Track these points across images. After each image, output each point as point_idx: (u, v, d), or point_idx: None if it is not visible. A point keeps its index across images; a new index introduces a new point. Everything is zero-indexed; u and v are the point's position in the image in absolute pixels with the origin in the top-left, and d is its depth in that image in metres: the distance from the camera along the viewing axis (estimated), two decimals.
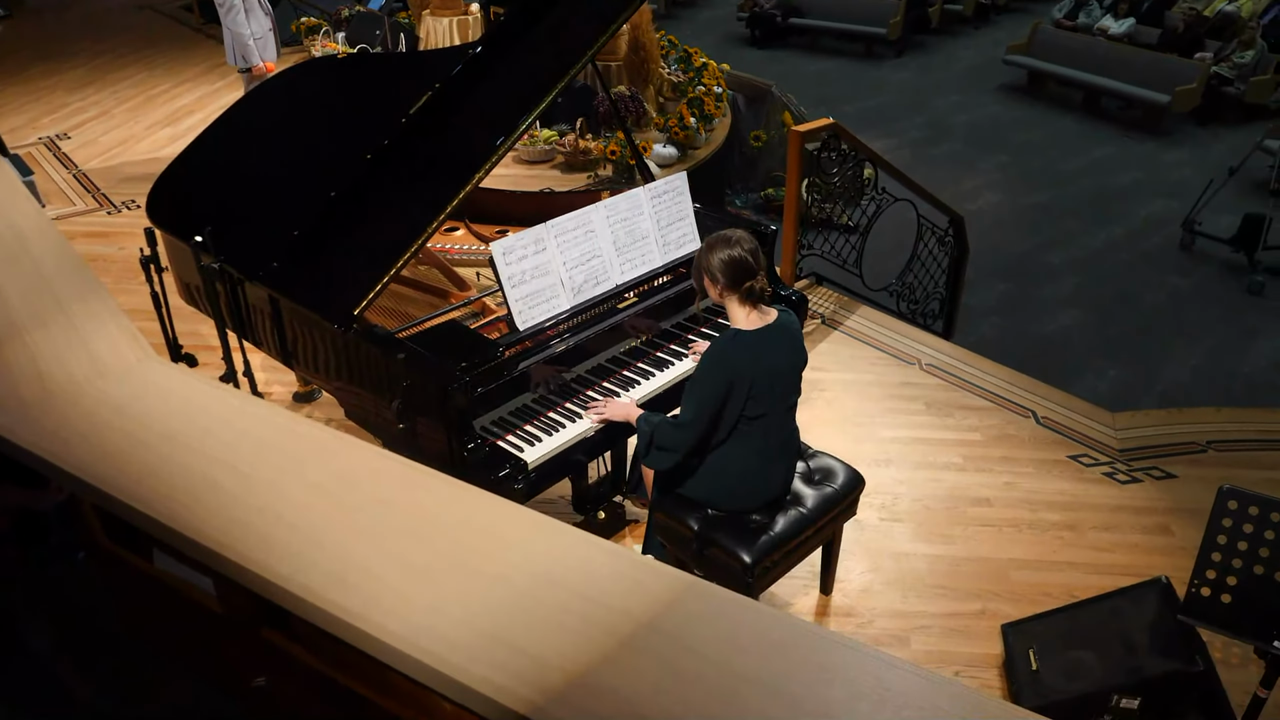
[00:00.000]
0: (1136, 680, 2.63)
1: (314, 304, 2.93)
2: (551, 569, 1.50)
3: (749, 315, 2.69)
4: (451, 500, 1.67)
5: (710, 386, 2.67)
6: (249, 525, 1.60)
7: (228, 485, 1.69)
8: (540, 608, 1.42)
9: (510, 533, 1.59)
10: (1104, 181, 9.56)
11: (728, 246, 2.65)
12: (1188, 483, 3.82)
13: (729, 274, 2.65)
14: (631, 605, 1.42)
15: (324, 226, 3.09)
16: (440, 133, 3.19)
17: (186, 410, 1.91)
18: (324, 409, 4.25)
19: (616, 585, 1.46)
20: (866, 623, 3.17)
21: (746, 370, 2.64)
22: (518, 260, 2.87)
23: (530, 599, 1.44)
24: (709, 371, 2.68)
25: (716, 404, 2.68)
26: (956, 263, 6.30)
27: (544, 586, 1.46)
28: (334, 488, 1.69)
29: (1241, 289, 7.33)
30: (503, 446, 2.78)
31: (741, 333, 2.68)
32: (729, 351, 2.66)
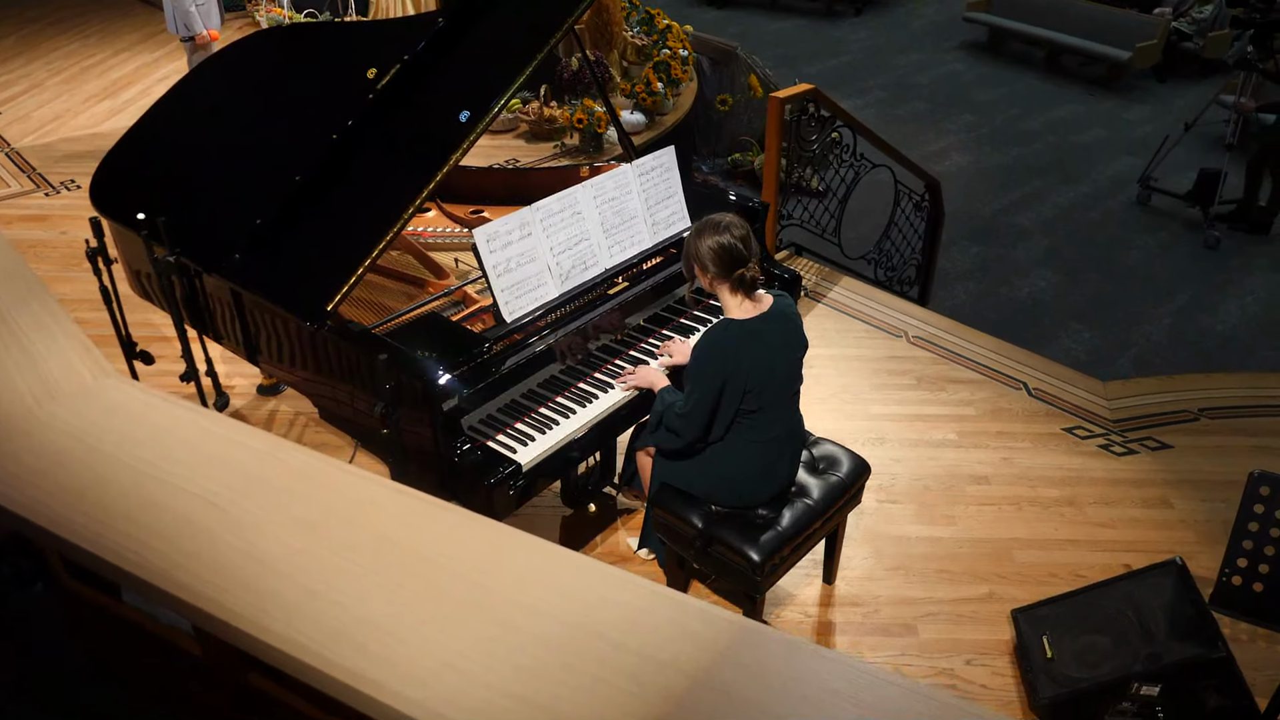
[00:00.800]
0: (1157, 667, 2.57)
1: (283, 300, 2.71)
2: (586, 615, 1.34)
3: (742, 304, 2.54)
4: (463, 535, 1.50)
5: (704, 382, 2.52)
6: (233, 573, 1.42)
7: (206, 524, 1.50)
8: (579, 664, 1.27)
9: (535, 572, 1.43)
10: (1068, 140, 9.53)
11: (717, 232, 2.49)
12: (1184, 453, 3.77)
13: (719, 261, 2.49)
14: (681, 657, 1.27)
15: (289, 214, 2.86)
16: (411, 109, 2.96)
17: (154, 436, 1.71)
18: (290, 402, 4.03)
19: (662, 633, 1.31)
20: (872, 611, 3.07)
21: (741, 365, 2.50)
22: (502, 247, 2.68)
23: (566, 653, 1.28)
24: (701, 367, 2.53)
25: (712, 400, 2.54)
26: (933, 228, 6.21)
27: (581, 637, 1.30)
28: (328, 525, 1.51)
29: (1200, 244, 7.35)
30: (493, 448, 2.61)
31: (734, 323, 2.52)
32: (721, 345, 2.51)
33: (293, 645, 1.30)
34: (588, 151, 6.46)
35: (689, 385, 2.56)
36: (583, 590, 1.39)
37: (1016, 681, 2.85)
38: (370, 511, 1.54)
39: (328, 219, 2.85)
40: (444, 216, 3.54)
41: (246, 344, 3.09)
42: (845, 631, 3.01)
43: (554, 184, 3.65)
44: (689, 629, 1.32)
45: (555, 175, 3.67)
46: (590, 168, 3.69)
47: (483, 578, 1.41)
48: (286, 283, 2.75)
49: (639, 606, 1.36)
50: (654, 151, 3.15)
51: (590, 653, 1.28)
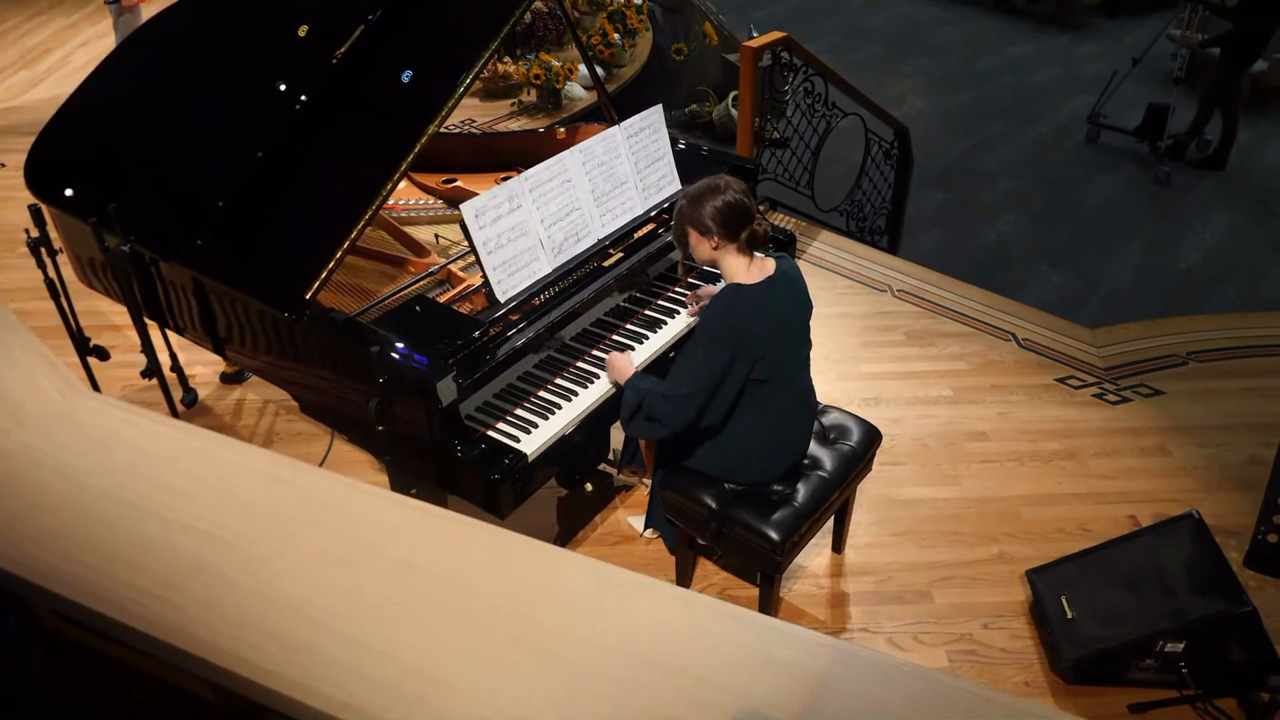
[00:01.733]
0: (1183, 624, 2.54)
1: (256, 289, 2.50)
2: (657, 647, 1.22)
3: (749, 268, 2.40)
4: (507, 559, 1.36)
5: (712, 356, 2.37)
6: (256, 622, 1.26)
7: (217, 565, 1.34)
8: (660, 705, 1.14)
9: (593, 598, 1.30)
10: (1023, 80, 9.49)
11: (718, 194, 2.34)
12: (1176, 398, 3.76)
13: (725, 222, 2.34)
14: (774, 693, 1.15)
15: (254, 193, 2.63)
16: (379, 72, 2.73)
17: (142, 461, 1.53)
18: (258, 389, 3.81)
19: (745, 664, 1.19)
20: (885, 579, 3.01)
21: (753, 333, 2.36)
22: (491, 222, 2.50)
23: (641, 695, 1.15)
24: (710, 339, 2.38)
25: (719, 374, 2.40)
26: (902, 175, 6.11)
27: (656, 673, 1.18)
28: (351, 555, 1.36)
29: (1151, 180, 7.38)
30: (495, 437, 2.45)
31: (743, 289, 2.38)
32: (734, 312, 2.36)
33: (337, 704, 1.15)
34: (546, 109, 6.22)
35: (693, 358, 2.41)
36: (647, 617, 1.27)
37: (1035, 643, 2.81)
38: (400, 539, 1.39)
39: (297, 198, 2.63)
40: (415, 188, 3.33)
41: (212, 335, 2.88)
42: (859, 602, 2.94)
43: (529, 148, 3.46)
44: (776, 656, 1.20)
45: (530, 139, 3.47)
46: (566, 129, 3.49)
47: (535, 609, 1.28)
48: (258, 270, 2.54)
49: (713, 632, 1.24)
50: (641, 111, 2.97)
51: (668, 693, 1.15)
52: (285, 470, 1.51)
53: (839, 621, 2.89)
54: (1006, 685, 2.70)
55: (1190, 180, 7.42)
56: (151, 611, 1.27)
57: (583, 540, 3.16)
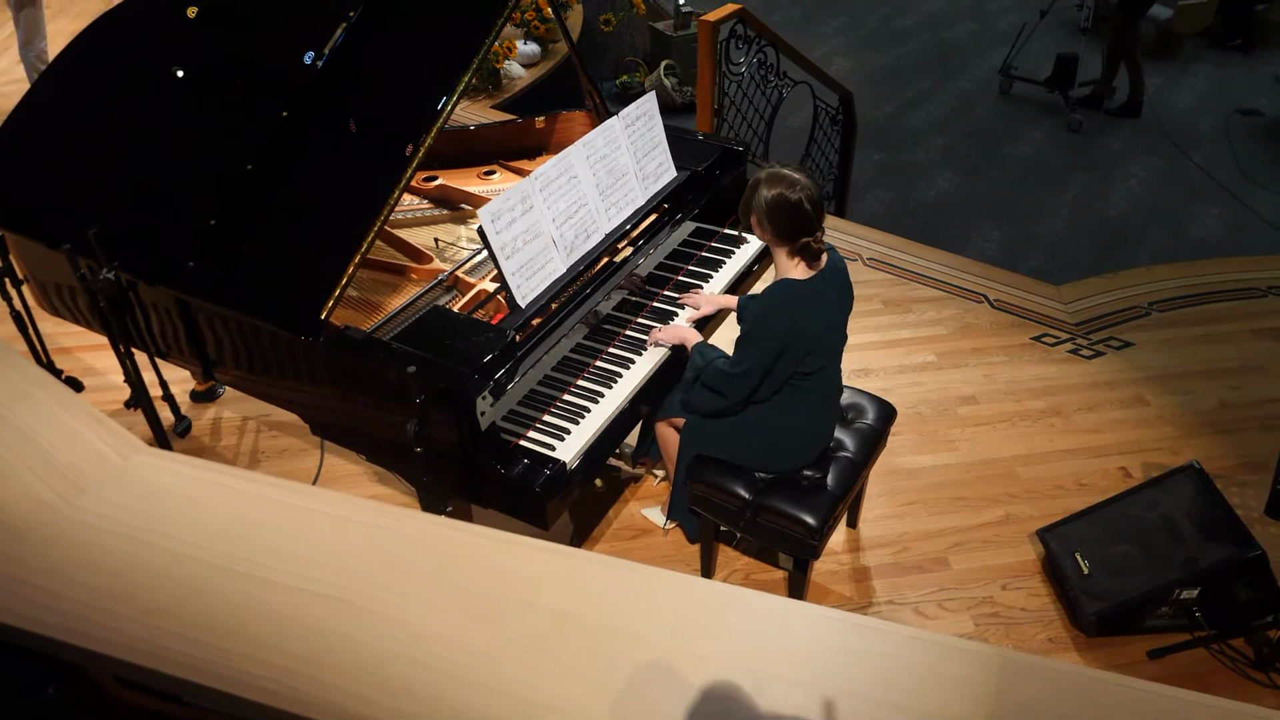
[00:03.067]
0: (1196, 571, 2.67)
1: (264, 313, 2.37)
2: (831, 675, 1.20)
3: (799, 265, 2.38)
4: (648, 593, 1.32)
5: (763, 347, 2.38)
6: (396, 683, 1.20)
7: (336, 625, 1.27)
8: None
9: (753, 631, 1.27)
10: (940, 35, 9.65)
11: (783, 186, 2.30)
12: (1145, 349, 3.91)
13: (777, 222, 2.32)
14: (964, 709, 1.15)
15: (245, 209, 2.48)
16: (366, 72, 2.60)
17: (218, 517, 1.44)
18: (234, 405, 3.64)
19: (925, 681, 1.19)
20: (901, 550, 3.07)
21: (802, 328, 2.36)
22: (507, 225, 2.42)
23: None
24: (759, 330, 2.38)
25: (769, 364, 2.40)
26: (847, 140, 6.17)
27: (841, 702, 1.17)
28: (488, 606, 1.30)
29: (1064, 128, 7.62)
30: (530, 447, 2.39)
31: (795, 285, 2.37)
32: (784, 309, 2.35)
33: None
34: (486, 90, 6.05)
35: (744, 347, 2.41)
36: (814, 644, 1.25)
37: (1053, 600, 2.92)
38: (527, 581, 1.34)
39: (294, 212, 2.49)
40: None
41: (201, 358, 2.72)
42: (881, 575, 3.00)
43: (510, 139, 3.36)
44: (950, 674, 1.21)
45: (510, 130, 3.36)
46: (545, 118, 3.40)
47: (696, 645, 1.25)
48: (263, 292, 2.41)
49: (884, 654, 1.23)
50: (637, 100, 2.90)
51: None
52: (386, 518, 1.44)
53: (864, 596, 2.94)
54: (1032, 644, 2.80)
55: (1103, 127, 7.68)
56: (291, 688, 1.20)
57: (599, 537, 3.14)
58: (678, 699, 1.17)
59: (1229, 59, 8.73)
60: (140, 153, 2.69)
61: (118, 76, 2.83)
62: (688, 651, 1.23)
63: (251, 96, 2.59)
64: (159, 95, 2.75)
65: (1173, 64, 8.68)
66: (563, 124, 3.41)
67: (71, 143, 2.80)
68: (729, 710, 1.16)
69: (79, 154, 2.78)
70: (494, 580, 1.33)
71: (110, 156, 2.73)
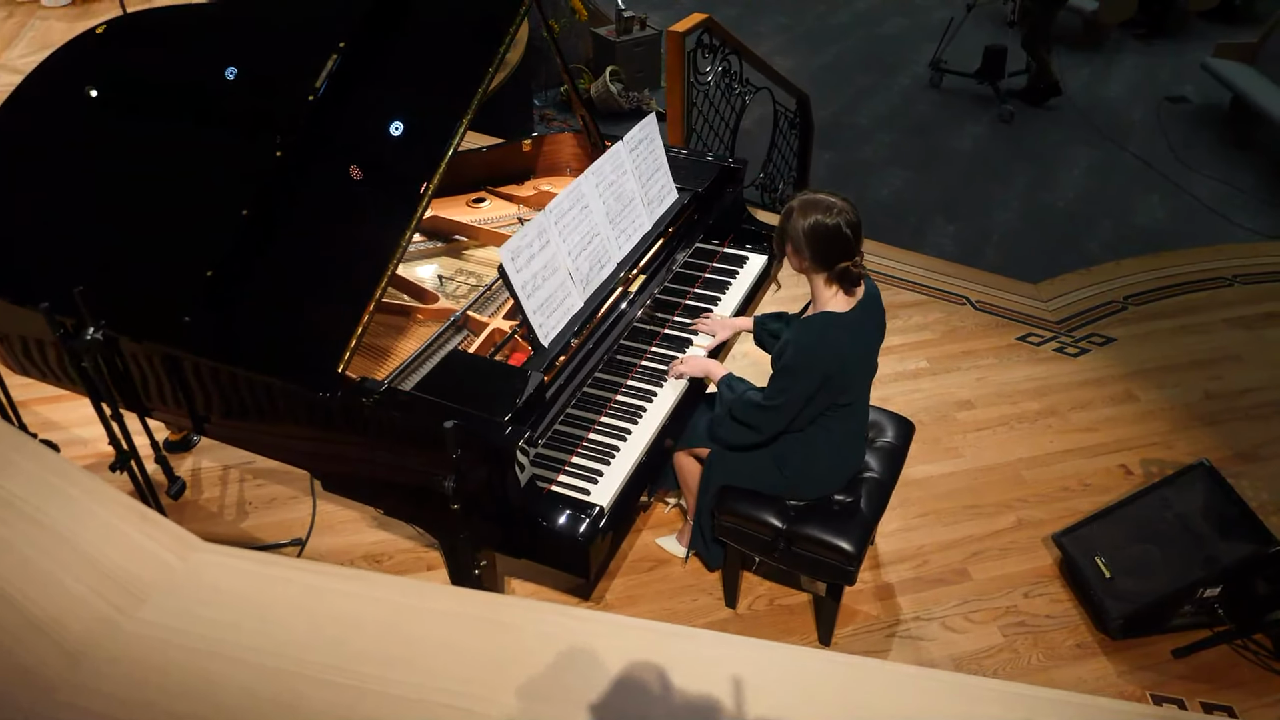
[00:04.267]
0: (1217, 569, 2.71)
1: (276, 368, 2.22)
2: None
3: (836, 294, 2.33)
4: (812, 673, 1.25)
5: (802, 381, 2.32)
6: None
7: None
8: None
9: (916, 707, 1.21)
10: (875, 32, 9.77)
11: (820, 212, 2.24)
12: (1127, 344, 3.99)
13: (818, 247, 2.26)
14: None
15: (244, 256, 2.32)
16: (365, 106, 2.46)
17: (308, 621, 1.32)
18: (212, 453, 3.44)
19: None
20: (922, 564, 3.06)
21: (843, 362, 2.32)
22: (527, 263, 2.32)
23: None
24: (800, 366, 2.31)
25: (807, 398, 2.35)
26: (805, 142, 6.18)
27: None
28: (626, 706, 1.21)
29: (996, 119, 7.79)
30: (561, 493, 2.30)
31: (835, 319, 2.31)
32: (826, 343, 2.30)
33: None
34: None
35: (781, 381, 2.35)
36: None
37: (1074, 604, 2.93)
38: (673, 671, 1.25)
39: (299, 257, 2.34)
40: None
41: (192, 414, 2.55)
42: (905, 590, 2.98)
43: (497, 164, 3.25)
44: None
45: (497, 154, 3.24)
46: (532, 141, 3.29)
47: None
48: (270, 346, 2.25)
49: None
50: (639, 122, 2.82)
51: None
52: (489, 609, 1.34)
53: (892, 613, 2.92)
54: (1060, 650, 2.81)
55: (1035, 118, 7.86)
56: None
57: (616, 570, 3.05)
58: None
59: (1153, 47, 9.03)
60: (117, 202, 2.51)
61: (81, 119, 2.63)
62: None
63: (241, 136, 2.43)
64: (133, 140, 2.56)
65: (1099, 54, 8.94)
66: (550, 146, 3.30)
67: (38, 192, 2.59)
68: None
69: (47, 203, 2.57)
70: (630, 673, 1.24)
71: (84, 207, 2.53)
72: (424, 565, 3.05)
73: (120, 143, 2.58)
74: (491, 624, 1.31)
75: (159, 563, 1.38)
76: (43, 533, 1.40)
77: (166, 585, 1.36)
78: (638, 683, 1.21)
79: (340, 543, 3.13)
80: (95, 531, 1.41)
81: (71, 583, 1.34)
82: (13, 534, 1.40)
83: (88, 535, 1.40)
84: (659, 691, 1.22)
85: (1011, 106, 7.76)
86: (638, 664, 1.26)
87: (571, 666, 1.25)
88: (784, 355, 2.35)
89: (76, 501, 1.46)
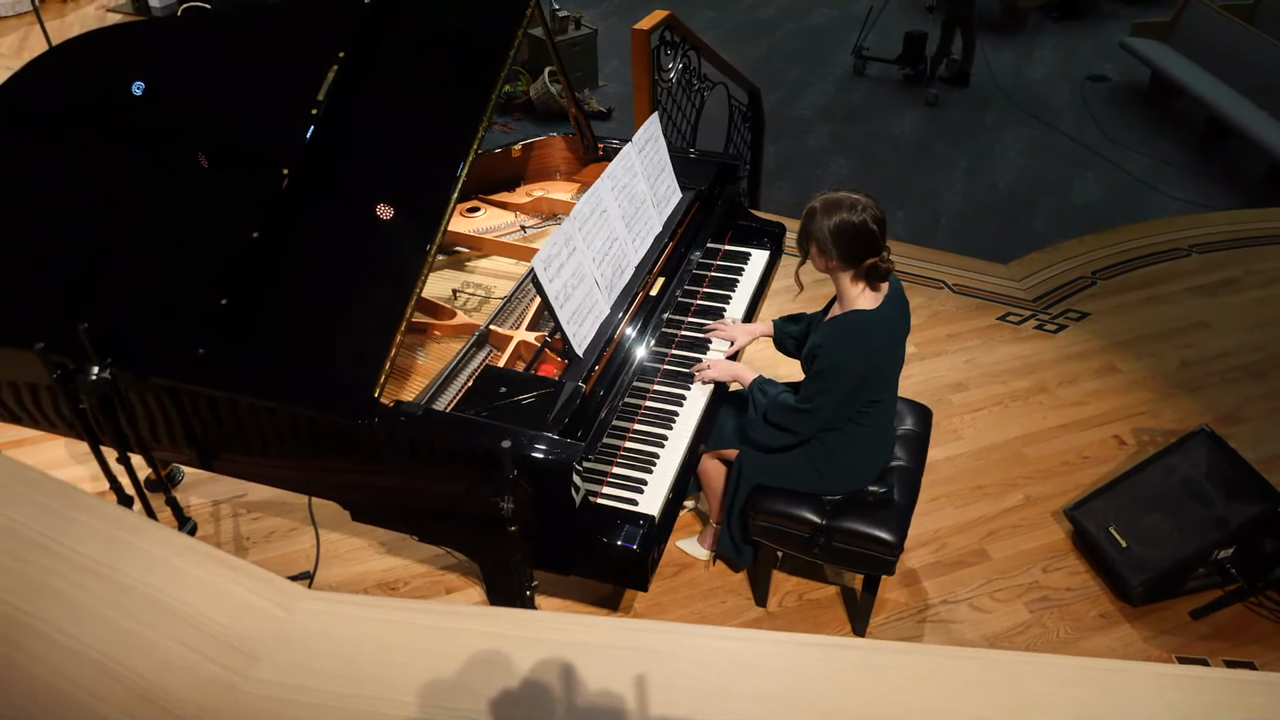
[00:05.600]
0: (1227, 531, 2.80)
1: (303, 397, 2.10)
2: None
3: (864, 292, 2.32)
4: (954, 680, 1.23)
5: (839, 382, 2.31)
6: None
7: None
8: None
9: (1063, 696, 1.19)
10: (803, 24, 9.88)
11: (845, 210, 2.23)
12: (1102, 317, 4.10)
13: (845, 245, 2.25)
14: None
15: (258, 283, 2.20)
16: (372, 111, 2.36)
17: (443, 664, 1.24)
18: (196, 491, 3.27)
19: None
20: (940, 547, 3.09)
21: (877, 360, 2.33)
22: (558, 272, 2.25)
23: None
24: (835, 368, 2.30)
25: (844, 398, 2.35)
26: (757, 135, 6.20)
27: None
28: None
29: (922, 103, 7.98)
30: (609, 505, 2.24)
31: (866, 317, 2.30)
32: (860, 342, 2.29)
33: None
34: None
35: (817, 384, 2.33)
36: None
37: (1092, 575, 3.00)
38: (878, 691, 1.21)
39: (316, 279, 2.22)
40: None
41: (196, 450, 2.41)
42: (929, 575, 3.01)
43: (489, 172, 3.17)
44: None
45: (487, 161, 3.15)
46: (522, 147, 3.21)
47: None
48: (298, 374, 2.14)
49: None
50: (644, 123, 2.78)
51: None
52: (627, 635, 1.28)
53: (919, 599, 2.94)
54: (1085, 621, 2.87)
55: (965, 102, 8.06)
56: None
57: None
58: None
59: (1069, 29, 9.35)
60: (119, 228, 2.34)
61: (55, 140, 2.45)
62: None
63: (244, 157, 2.30)
64: (118, 160, 2.40)
65: (1020, 38, 9.21)
66: (539, 151, 3.23)
67: (12, 225, 2.41)
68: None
69: (22, 237, 2.39)
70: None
71: (65, 238, 2.36)
72: (442, 589, 2.95)
73: (100, 167, 2.41)
74: (638, 651, 1.25)
75: (263, 616, 1.28)
76: (127, 595, 1.29)
77: (277, 640, 1.26)
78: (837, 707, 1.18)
79: (351, 573, 3.00)
80: (186, 589, 1.30)
81: (173, 647, 1.24)
82: (95, 600, 1.29)
83: (178, 593, 1.30)
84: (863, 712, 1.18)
85: (936, 90, 7.95)
86: (840, 683, 1.22)
87: (755, 686, 1.20)
88: (818, 358, 2.33)
89: (156, 557, 1.35)
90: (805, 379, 2.40)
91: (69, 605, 1.29)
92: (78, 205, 2.37)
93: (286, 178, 2.23)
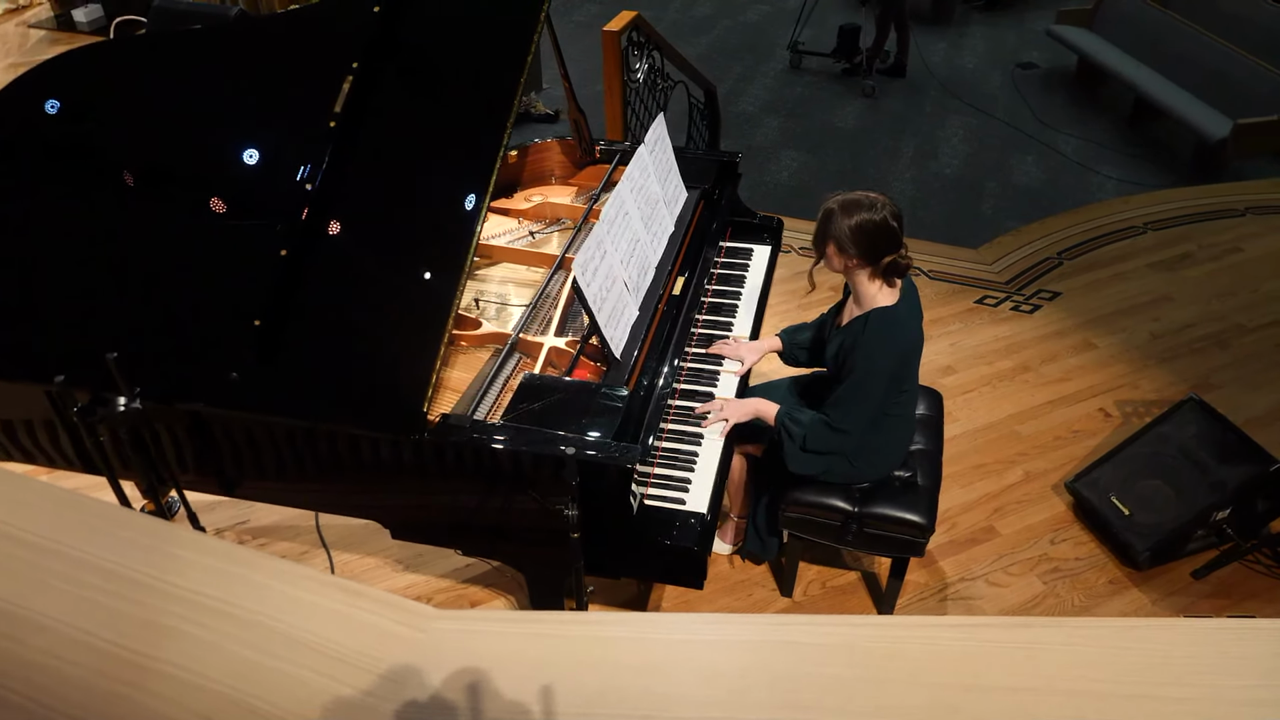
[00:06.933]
0: (1226, 493, 2.93)
1: (348, 416, 2.05)
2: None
3: (881, 289, 2.36)
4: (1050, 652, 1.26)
5: (876, 386, 2.35)
6: None
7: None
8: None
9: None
10: (739, 20, 9.98)
11: (864, 210, 2.27)
12: (1073, 295, 4.26)
13: (865, 244, 2.28)
14: None
15: (290, 301, 2.13)
16: (387, 118, 2.31)
17: (599, 679, 1.23)
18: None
19: None
20: (951, 526, 3.17)
21: (906, 356, 2.38)
22: (594, 276, 2.24)
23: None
24: (875, 372, 2.34)
25: (879, 401, 2.39)
26: (714, 132, 6.26)
27: None
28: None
29: (859, 94, 8.16)
30: (656, 506, 2.24)
31: (891, 314, 2.35)
32: (896, 342, 2.34)
33: None
34: None
35: (857, 394, 2.35)
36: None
37: (1097, 544, 3.12)
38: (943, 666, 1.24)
39: (350, 295, 2.17)
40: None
41: (219, 475, 2.34)
42: (944, 555, 3.08)
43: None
44: None
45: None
46: (517, 151, 3.18)
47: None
48: (341, 394, 2.08)
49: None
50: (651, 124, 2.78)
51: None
52: (778, 631, 1.29)
53: (937, 578, 3.01)
54: (1096, 588, 2.98)
55: (902, 92, 8.26)
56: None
57: None
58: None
59: (995, 18, 9.64)
60: (141, 250, 2.24)
61: (56, 161, 2.34)
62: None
63: (264, 174, 2.23)
64: (141, 173, 2.30)
65: (950, 29, 9.47)
66: (535, 155, 3.21)
67: (18, 254, 2.29)
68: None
69: (30, 266, 2.28)
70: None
71: (76, 265, 2.26)
72: (467, 602, 2.91)
73: (113, 191, 2.31)
74: (786, 645, 1.26)
75: (397, 640, 1.26)
76: (248, 629, 1.25)
77: (416, 663, 1.24)
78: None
79: None
80: (309, 617, 1.27)
81: (307, 675, 1.20)
82: (215, 635, 1.24)
83: (302, 622, 1.26)
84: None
85: (873, 82, 8.12)
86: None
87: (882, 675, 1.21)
88: (852, 367, 2.35)
89: (271, 588, 1.31)
90: (839, 392, 2.40)
91: (190, 642, 1.24)
92: (85, 236, 2.27)
93: (312, 193, 2.17)
